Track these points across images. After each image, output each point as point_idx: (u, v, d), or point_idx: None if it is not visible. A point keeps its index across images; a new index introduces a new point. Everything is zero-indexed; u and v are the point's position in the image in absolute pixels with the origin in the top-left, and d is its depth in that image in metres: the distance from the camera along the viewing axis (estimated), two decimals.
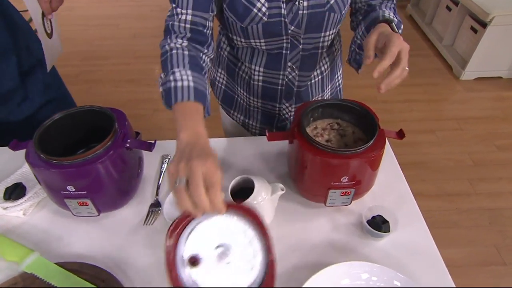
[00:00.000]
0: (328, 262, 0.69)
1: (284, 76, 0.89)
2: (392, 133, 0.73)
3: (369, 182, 0.76)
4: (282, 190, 0.73)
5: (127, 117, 0.77)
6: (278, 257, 0.70)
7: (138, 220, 0.77)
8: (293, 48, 0.83)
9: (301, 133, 0.71)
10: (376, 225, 0.72)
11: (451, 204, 1.90)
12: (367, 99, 2.60)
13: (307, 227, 0.76)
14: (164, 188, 0.85)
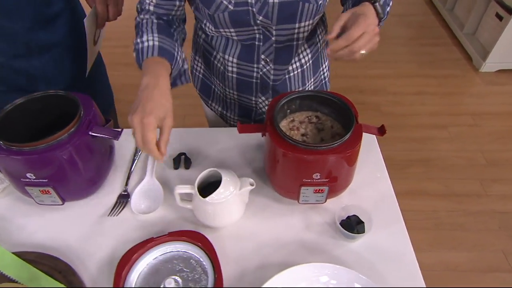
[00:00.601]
0: (296, 262, 0.69)
1: (258, 69, 0.89)
2: (372, 129, 0.72)
3: (345, 179, 0.75)
4: (251, 185, 0.73)
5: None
6: (245, 254, 0.71)
7: (104, 211, 0.79)
8: (265, 40, 0.83)
9: (273, 126, 0.71)
10: (349, 226, 0.72)
11: (459, 205, 1.88)
12: (377, 90, 2.57)
13: (278, 225, 0.77)
14: (134, 179, 0.86)
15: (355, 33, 0.64)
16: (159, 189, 0.82)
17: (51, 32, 0.92)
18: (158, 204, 0.79)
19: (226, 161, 0.89)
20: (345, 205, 0.74)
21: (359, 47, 0.65)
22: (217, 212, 0.73)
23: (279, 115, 0.77)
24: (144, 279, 0.67)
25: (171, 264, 0.69)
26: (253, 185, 0.74)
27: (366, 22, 0.65)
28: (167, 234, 0.70)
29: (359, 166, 0.84)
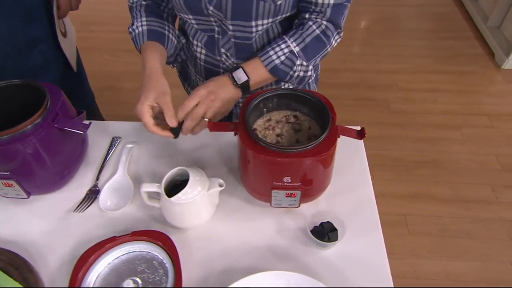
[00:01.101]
0: (263, 268, 0.69)
1: (221, 62, 0.90)
2: (351, 132, 0.71)
3: (320, 184, 0.75)
4: (220, 186, 0.73)
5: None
6: (211, 257, 0.72)
7: (71, 206, 0.80)
8: (224, 34, 0.84)
9: (245, 125, 0.70)
10: (320, 233, 0.71)
11: (467, 211, 1.84)
12: (387, 85, 2.53)
13: (249, 228, 0.77)
14: (105, 173, 0.87)
15: (186, 105, 0.74)
16: (129, 186, 0.82)
17: (35, 28, 0.94)
18: (127, 201, 0.79)
19: (202, 158, 0.89)
20: (317, 212, 0.73)
21: (195, 115, 0.74)
22: (184, 212, 0.73)
23: (254, 113, 0.77)
24: (104, 279, 0.67)
25: (133, 264, 0.70)
26: (222, 186, 0.74)
27: (198, 93, 0.74)
28: (130, 234, 0.71)
29: (341, 169, 0.84)
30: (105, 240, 0.69)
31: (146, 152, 0.91)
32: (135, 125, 0.98)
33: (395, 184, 1.95)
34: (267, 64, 0.81)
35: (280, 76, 0.82)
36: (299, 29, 0.82)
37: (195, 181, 0.72)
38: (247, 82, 0.79)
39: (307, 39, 0.82)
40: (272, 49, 0.81)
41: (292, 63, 0.82)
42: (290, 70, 0.82)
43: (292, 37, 0.82)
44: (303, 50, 0.82)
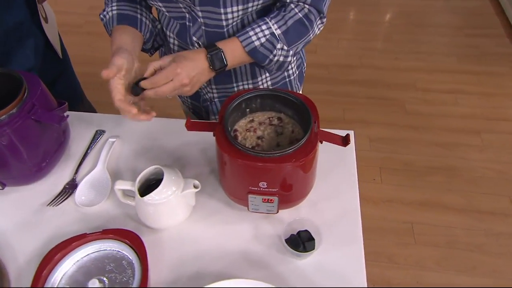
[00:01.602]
0: (233, 274, 0.70)
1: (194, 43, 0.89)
2: (335, 138, 0.71)
3: (300, 190, 0.75)
4: (195, 187, 0.74)
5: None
6: (183, 260, 0.73)
7: (47, 199, 0.82)
8: (194, 21, 0.84)
9: (222, 126, 0.71)
10: (295, 242, 0.71)
11: (480, 223, 1.81)
12: (405, 84, 2.48)
13: (225, 232, 0.77)
14: (85, 168, 0.89)
15: (159, 80, 0.72)
16: (107, 182, 0.84)
17: (15, 13, 0.96)
18: (103, 197, 0.81)
19: (184, 157, 0.90)
20: (293, 220, 0.73)
21: (162, 93, 0.72)
22: (157, 212, 0.74)
23: (236, 113, 0.77)
24: (71, 278, 0.69)
25: (102, 263, 0.72)
26: (198, 188, 0.75)
27: (175, 70, 0.72)
28: (101, 232, 0.73)
29: (327, 175, 0.83)
30: (74, 237, 0.71)
31: (128, 147, 0.93)
32: (120, 118, 0.99)
33: (405, 190, 1.93)
34: (245, 45, 0.79)
35: (258, 59, 0.81)
36: (281, 11, 0.80)
37: (169, 181, 0.73)
38: (223, 68, 0.79)
39: (289, 21, 0.80)
40: (252, 29, 0.79)
41: (273, 46, 0.80)
42: (270, 53, 0.80)
43: (274, 18, 0.80)
44: (284, 33, 0.80)
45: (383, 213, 1.83)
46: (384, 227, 1.79)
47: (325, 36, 2.78)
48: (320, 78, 2.49)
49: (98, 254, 0.73)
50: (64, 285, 0.67)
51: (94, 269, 0.71)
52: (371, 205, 1.87)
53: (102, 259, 0.72)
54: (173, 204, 0.74)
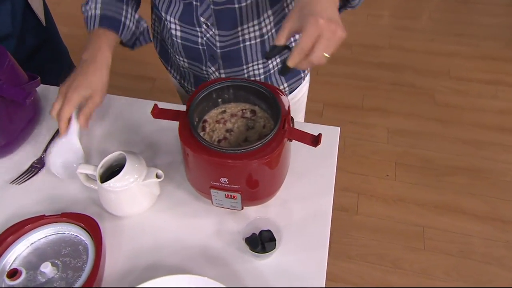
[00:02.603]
0: (188, 269, 0.76)
1: (202, 34, 0.92)
2: (305, 137, 0.73)
3: (265, 189, 0.78)
4: (158, 177, 0.79)
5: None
6: (140, 251, 0.78)
7: (11, 177, 0.89)
8: (202, 0, 0.85)
9: (186, 117, 0.75)
10: (254, 242, 0.76)
11: (502, 234, 1.80)
12: (437, 71, 2.42)
13: (187, 225, 0.82)
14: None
15: (305, 45, 0.61)
16: (79, 152, 0.89)
17: None
18: (74, 169, 0.86)
19: (158, 143, 0.95)
20: (255, 219, 0.77)
21: (317, 58, 0.62)
22: (117, 200, 0.80)
23: (206, 103, 0.81)
24: (25, 258, 0.76)
25: (59, 246, 0.78)
26: (160, 178, 0.79)
27: (316, 24, 0.61)
28: (60, 214, 0.79)
29: (303, 175, 0.87)
30: (31, 219, 0.78)
31: (102, 127, 0.99)
32: None
33: (420, 189, 1.93)
34: None
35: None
36: None
37: (131, 168, 0.78)
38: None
39: None
40: None
41: None
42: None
43: None
44: None
45: (393, 213, 1.85)
46: (392, 228, 1.81)
47: (352, 10, 2.73)
48: (340, 58, 2.47)
49: (56, 237, 0.79)
50: (17, 266, 0.74)
51: (50, 252, 0.77)
52: (381, 203, 1.88)
53: (60, 242, 0.79)
54: (134, 192, 0.79)
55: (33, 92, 0.88)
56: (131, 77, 2.38)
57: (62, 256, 0.77)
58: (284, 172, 0.80)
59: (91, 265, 0.74)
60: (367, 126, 2.17)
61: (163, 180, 0.80)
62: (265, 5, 0.88)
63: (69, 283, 0.73)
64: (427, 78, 2.38)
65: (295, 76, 1.07)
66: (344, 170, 1.98)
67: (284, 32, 0.65)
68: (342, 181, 1.94)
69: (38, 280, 0.74)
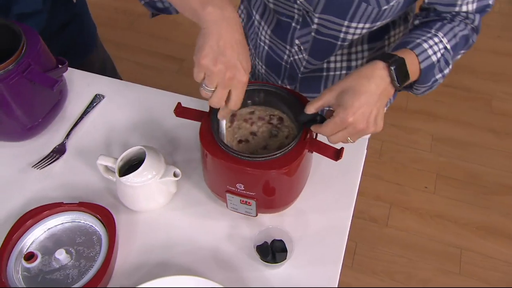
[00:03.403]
0: (197, 270, 0.86)
1: (290, 53, 1.01)
2: (327, 150, 0.80)
3: (282, 198, 0.87)
4: (176, 176, 0.89)
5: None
6: (153, 247, 0.89)
7: (33, 160, 1.01)
8: (304, 25, 0.94)
9: (209, 118, 0.84)
10: (265, 251, 0.85)
11: None
12: (498, 74, 2.36)
13: (201, 225, 0.92)
14: (77, 133, 1.06)
15: (327, 132, 0.75)
16: None
17: None
18: None
19: (177, 139, 1.05)
20: (267, 227, 0.86)
21: (335, 142, 0.76)
22: (134, 195, 0.90)
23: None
24: (41, 243, 0.88)
25: (74, 234, 0.90)
26: (178, 177, 0.89)
27: (345, 120, 0.71)
28: (77, 204, 0.90)
29: (324, 186, 0.95)
30: (49, 205, 0.90)
31: (125, 117, 1.09)
32: (123, 85, 1.15)
33: (462, 206, 1.97)
34: (422, 60, 0.79)
35: (426, 79, 0.82)
36: (446, 22, 0.83)
37: (150, 165, 0.88)
38: (405, 82, 0.77)
39: (459, 34, 0.83)
40: (424, 41, 0.80)
41: (446, 64, 0.82)
42: (440, 73, 0.83)
43: (440, 30, 0.82)
44: (453, 48, 0.83)
45: (428, 230, 1.90)
46: (424, 246, 1.86)
47: None
48: None
49: (72, 225, 0.91)
50: (34, 250, 0.86)
51: (65, 239, 0.89)
52: (415, 217, 1.94)
53: (75, 230, 0.90)
54: (150, 189, 0.90)
55: (60, 78, 0.99)
56: (158, 55, 2.49)
57: (76, 245, 0.88)
58: (302, 183, 0.89)
59: (103, 257, 0.85)
60: (410, 131, 2.21)
61: (180, 178, 0.89)
62: (364, 39, 0.96)
63: (81, 272, 0.84)
64: (486, 81, 2.38)
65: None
66: (378, 177, 2.04)
67: (317, 104, 0.76)
68: (375, 189, 2.00)
69: (52, 266, 0.85)
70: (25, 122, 0.99)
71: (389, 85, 0.75)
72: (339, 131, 0.74)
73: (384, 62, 0.74)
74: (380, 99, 0.74)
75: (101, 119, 1.09)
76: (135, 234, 0.92)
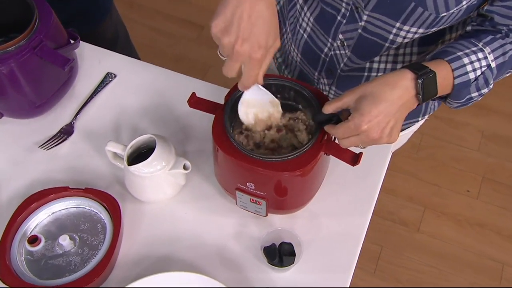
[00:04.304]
0: (201, 268, 0.98)
1: (331, 47, 1.08)
2: (345, 154, 0.90)
3: (293, 200, 0.98)
4: (185, 169, 1.01)
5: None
6: (157, 239, 1.02)
7: (40, 139, 1.15)
8: (350, 21, 1.00)
9: (222, 112, 0.95)
10: (272, 254, 0.97)
11: None
12: None
13: (209, 221, 1.05)
14: (86, 113, 1.20)
15: (339, 134, 0.85)
16: None
17: None
18: None
19: (191, 126, 1.17)
20: (276, 229, 0.98)
21: (345, 146, 0.86)
22: (141, 184, 1.03)
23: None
24: (45, 227, 1.02)
25: (78, 220, 1.03)
26: (188, 169, 1.01)
27: (359, 126, 0.80)
28: (83, 189, 1.04)
29: (342, 189, 1.06)
30: (55, 189, 1.03)
31: (136, 100, 1.21)
32: (138, 64, 1.28)
33: (509, 216, 2.03)
34: (457, 76, 0.84)
35: (459, 95, 0.88)
36: (499, 36, 0.88)
37: (160, 155, 1.00)
38: (431, 98, 0.85)
39: (509, 53, 0.87)
40: (466, 55, 0.84)
41: (485, 83, 0.87)
42: (477, 92, 0.88)
43: (489, 45, 0.86)
44: (499, 67, 0.87)
45: (465, 239, 1.98)
46: (459, 257, 1.94)
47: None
48: None
49: (76, 211, 1.04)
50: (37, 233, 1.00)
51: (69, 224, 1.03)
52: (451, 223, 2.01)
53: (79, 216, 1.04)
54: (159, 180, 1.02)
55: (72, 57, 1.11)
56: (175, 20, 2.58)
57: (80, 231, 1.02)
58: (316, 185, 1.00)
59: (107, 246, 0.98)
60: (456, 125, 2.25)
61: (190, 169, 1.01)
62: (415, 42, 1.02)
63: (84, 259, 0.98)
64: None
65: (412, 118, 1.23)
66: (413, 175, 2.11)
67: (335, 104, 0.85)
68: (408, 188, 2.08)
69: (55, 251, 0.99)
70: (33, 99, 1.12)
71: (413, 98, 0.82)
72: (352, 136, 0.83)
73: (413, 72, 0.81)
74: (400, 110, 0.81)
75: (111, 100, 1.21)
76: (140, 224, 1.05)
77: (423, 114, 1.22)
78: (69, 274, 0.96)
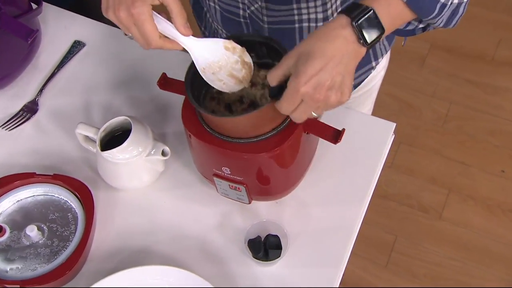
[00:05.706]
0: (180, 262, 1.15)
1: (244, 6, 1.21)
2: (325, 131, 1.02)
3: (274, 185, 1.14)
4: (164, 155, 1.17)
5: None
6: (133, 231, 1.18)
7: (1, 118, 1.32)
8: None
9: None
10: (257, 247, 1.15)
11: None
12: None
13: (190, 211, 1.22)
14: (52, 88, 1.37)
15: (283, 109, 0.89)
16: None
17: None
18: None
19: (171, 106, 1.32)
20: (261, 221, 1.15)
21: (298, 120, 0.91)
22: (116, 171, 1.20)
23: None
24: (9, 215, 1.21)
25: (46, 209, 1.21)
26: (166, 156, 1.18)
27: (296, 92, 0.84)
28: (52, 176, 1.23)
29: (335, 174, 1.22)
30: (20, 174, 1.21)
31: (110, 72, 1.36)
32: (111, 30, 1.41)
33: None
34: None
35: (424, 8, 0.89)
36: None
37: (136, 140, 1.15)
38: (379, 38, 0.86)
39: None
40: None
41: None
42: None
43: None
44: None
45: (496, 228, 2.10)
46: (488, 249, 2.05)
47: None
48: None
49: (44, 198, 1.23)
50: (1, 223, 1.19)
51: (36, 214, 1.20)
52: (480, 209, 2.12)
53: (48, 205, 1.22)
54: (135, 167, 1.18)
55: (36, 28, 1.26)
56: None
57: (49, 222, 1.19)
58: (300, 168, 1.14)
59: (79, 238, 1.15)
60: (493, 90, 2.31)
61: (169, 156, 1.16)
62: None
63: (53, 252, 1.15)
64: None
65: (362, 67, 1.34)
66: (437, 152, 2.20)
67: (276, 73, 0.89)
68: (431, 168, 2.17)
69: (22, 242, 1.16)
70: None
71: (355, 45, 0.85)
72: (298, 106, 0.87)
73: (348, 16, 0.84)
74: (342, 63, 0.84)
75: (80, 74, 1.36)
76: (114, 214, 1.22)
77: (375, 57, 1.31)
78: (38, 267, 1.12)
